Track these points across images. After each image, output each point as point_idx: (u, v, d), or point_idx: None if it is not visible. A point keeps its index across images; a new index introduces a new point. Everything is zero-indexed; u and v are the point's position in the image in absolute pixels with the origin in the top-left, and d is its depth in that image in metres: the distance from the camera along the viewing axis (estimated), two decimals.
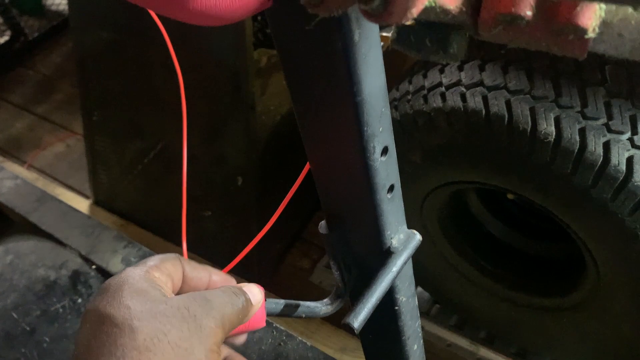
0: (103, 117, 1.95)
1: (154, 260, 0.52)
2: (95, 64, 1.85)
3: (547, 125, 1.02)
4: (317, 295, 1.66)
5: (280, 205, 0.71)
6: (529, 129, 1.03)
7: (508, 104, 1.05)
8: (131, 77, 1.80)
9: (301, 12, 0.38)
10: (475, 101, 1.08)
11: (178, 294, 0.53)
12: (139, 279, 0.48)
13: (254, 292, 0.57)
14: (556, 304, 1.36)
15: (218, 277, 0.58)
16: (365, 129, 0.55)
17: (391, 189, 0.62)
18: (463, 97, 1.10)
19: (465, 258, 1.46)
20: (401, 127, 1.22)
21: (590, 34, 0.36)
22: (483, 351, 1.62)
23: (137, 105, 1.86)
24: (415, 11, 0.33)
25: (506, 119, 1.05)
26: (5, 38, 3.17)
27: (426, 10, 0.35)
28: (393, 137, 0.60)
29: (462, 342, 1.64)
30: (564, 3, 0.35)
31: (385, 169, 0.60)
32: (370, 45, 0.49)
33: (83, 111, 1.97)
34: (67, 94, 2.82)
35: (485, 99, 1.07)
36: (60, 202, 1.47)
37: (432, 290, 1.66)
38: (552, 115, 1.02)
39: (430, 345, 1.65)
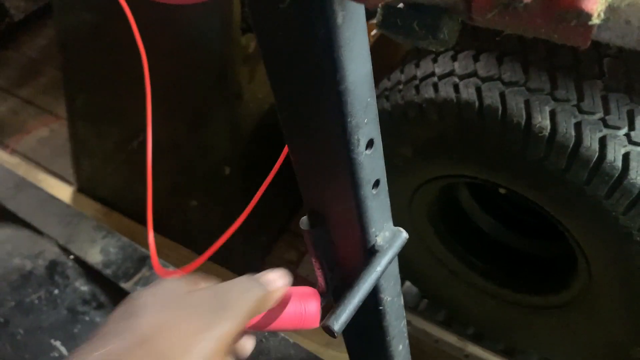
0: (86, 102, 1.89)
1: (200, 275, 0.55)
2: (78, 47, 1.79)
3: (541, 118, 0.98)
4: None
5: (261, 187, 0.67)
6: (523, 123, 0.99)
7: (502, 96, 1.02)
8: (113, 61, 1.75)
9: None
10: (468, 92, 1.04)
11: None
12: (179, 281, 0.51)
13: (272, 278, 0.57)
14: (546, 302, 1.34)
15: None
16: (349, 120, 0.51)
17: (376, 184, 0.59)
18: (456, 88, 1.06)
19: (455, 254, 1.43)
20: (391, 119, 1.18)
21: (595, 20, 0.32)
22: (471, 348, 1.60)
23: (119, 91, 1.81)
24: None
25: (500, 112, 1.01)
26: None
27: None
28: (379, 129, 0.57)
29: (450, 338, 1.62)
30: None
31: (371, 163, 0.56)
32: (355, 29, 0.45)
33: (66, 96, 1.91)
34: (52, 77, 2.75)
35: (478, 91, 1.04)
36: (39, 189, 1.42)
37: (421, 285, 1.63)
38: (547, 109, 0.99)
39: (418, 342, 1.63)
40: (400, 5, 0.38)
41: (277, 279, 0.57)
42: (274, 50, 0.47)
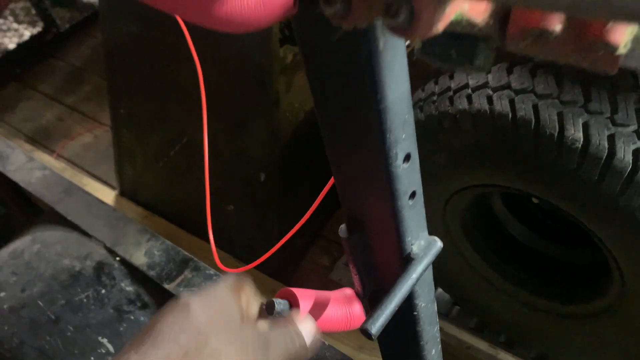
0: (130, 109, 1.97)
1: (242, 280, 0.58)
2: (123, 57, 1.87)
3: (574, 130, 1.00)
4: None
5: (307, 214, 0.71)
6: (556, 134, 1.01)
7: (535, 108, 1.04)
8: (158, 70, 1.82)
9: (326, 21, 0.38)
10: (502, 104, 1.07)
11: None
12: (226, 294, 0.54)
13: (311, 330, 0.60)
14: (578, 311, 1.34)
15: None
16: (388, 135, 0.54)
17: (413, 195, 0.62)
18: (490, 100, 1.08)
19: (488, 261, 1.45)
20: (426, 129, 1.21)
21: (622, 51, 0.35)
22: (502, 355, 1.60)
23: (163, 98, 1.88)
24: (441, 25, 0.32)
25: (533, 124, 1.03)
26: (38, 29, 3.23)
27: (452, 23, 0.35)
28: (416, 143, 0.60)
29: (482, 345, 1.63)
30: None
31: (408, 176, 0.60)
32: (395, 53, 0.49)
33: (110, 103, 2.00)
34: (96, 85, 2.86)
35: (512, 103, 1.06)
36: (87, 193, 1.49)
37: (453, 292, 1.64)
38: (580, 121, 1.00)
39: (450, 348, 1.64)
40: None
41: (314, 331, 0.61)
42: (320, 72, 0.51)
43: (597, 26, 0.34)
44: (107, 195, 2.24)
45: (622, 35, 0.35)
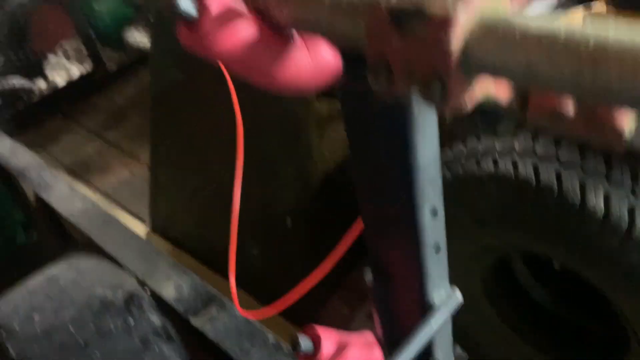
0: (169, 150, 2.07)
1: None
2: (168, 101, 1.98)
3: (596, 200, 1.04)
4: None
5: (330, 264, 0.76)
6: (578, 203, 1.05)
7: (558, 175, 1.08)
8: (198, 116, 1.92)
9: (369, 90, 0.45)
10: (526, 170, 1.11)
11: None
12: None
13: None
14: None
15: None
16: (418, 191, 0.60)
17: (437, 247, 0.67)
18: (515, 165, 1.13)
19: (507, 321, 1.46)
20: (452, 188, 1.26)
21: (627, 136, 0.40)
22: None
23: (200, 142, 1.97)
24: (470, 104, 0.38)
25: (556, 191, 1.07)
26: (87, 68, 3.42)
27: (480, 101, 0.41)
28: (442, 199, 0.65)
29: None
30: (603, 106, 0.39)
31: (434, 229, 0.65)
32: (427, 119, 0.55)
33: (152, 143, 2.10)
34: (137, 124, 3.00)
35: (536, 169, 1.11)
36: (124, 226, 1.57)
37: (471, 350, 1.65)
38: (601, 191, 1.04)
39: None
40: None
41: None
42: (359, 131, 0.58)
43: (604, 111, 0.39)
44: (138, 230, 2.32)
45: (627, 122, 0.41)
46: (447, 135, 1.48)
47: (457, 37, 0.35)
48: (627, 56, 0.29)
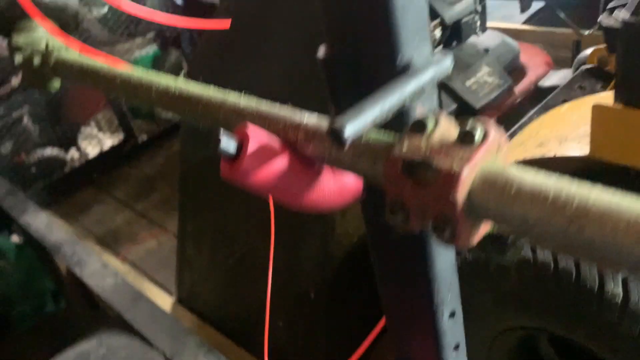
0: (196, 223, 2.14)
1: None
2: (197, 176, 2.07)
3: (614, 285, 1.06)
4: None
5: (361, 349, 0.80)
6: (596, 288, 1.07)
7: (576, 260, 1.11)
8: (225, 191, 2.00)
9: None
10: (544, 254, 1.14)
11: None
12: None
13: None
14: None
15: None
16: (436, 296, 0.64)
17: (457, 347, 0.70)
18: (533, 249, 1.16)
19: None
20: (474, 269, 1.29)
21: None
22: None
23: (228, 217, 2.04)
24: (476, 240, 0.43)
25: (574, 276, 1.10)
26: (118, 138, 3.56)
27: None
28: (460, 301, 0.69)
29: None
30: None
31: (452, 330, 0.69)
32: None
33: (180, 216, 2.17)
34: (165, 194, 3.10)
35: (554, 253, 1.13)
36: (152, 303, 1.62)
37: None
38: (620, 276, 1.06)
39: None
40: None
41: None
42: (382, 247, 0.63)
43: None
44: (165, 300, 2.36)
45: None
46: None
47: (462, 189, 0.40)
48: (606, 218, 0.34)
